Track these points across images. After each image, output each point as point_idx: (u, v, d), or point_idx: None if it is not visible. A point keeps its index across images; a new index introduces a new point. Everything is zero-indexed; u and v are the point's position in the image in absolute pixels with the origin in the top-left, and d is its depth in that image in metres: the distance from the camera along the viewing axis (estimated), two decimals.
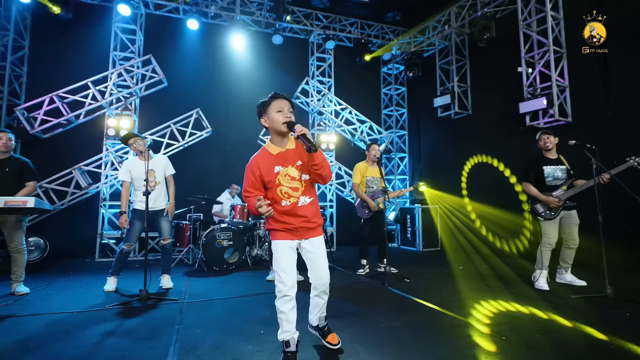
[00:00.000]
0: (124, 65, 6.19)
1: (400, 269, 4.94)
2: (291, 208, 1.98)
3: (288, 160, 1.97)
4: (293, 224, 1.99)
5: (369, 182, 4.82)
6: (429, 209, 7.39)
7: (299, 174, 1.99)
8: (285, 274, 1.96)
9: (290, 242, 2.03)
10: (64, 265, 5.49)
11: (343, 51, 8.35)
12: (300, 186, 2.00)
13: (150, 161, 3.92)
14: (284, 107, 1.93)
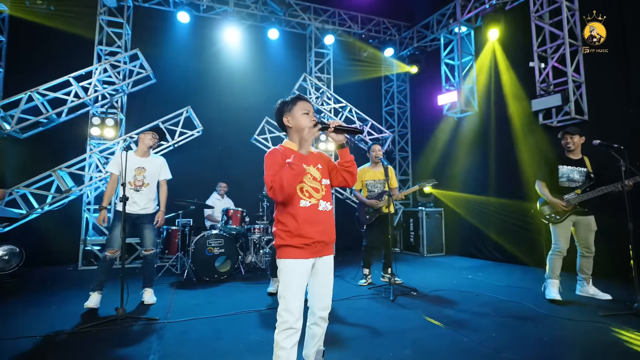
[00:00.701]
0: (109, 60, 5.80)
1: (405, 278, 4.58)
2: (311, 210, 1.71)
3: (310, 161, 1.79)
4: (311, 237, 1.68)
5: (370, 186, 4.46)
6: (433, 212, 7.02)
7: (320, 176, 1.80)
8: (297, 301, 1.65)
9: (306, 263, 1.71)
10: (43, 274, 5.11)
11: (343, 46, 7.98)
12: (320, 188, 1.78)
13: (145, 159, 3.59)
14: (310, 110, 1.82)
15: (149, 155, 3.66)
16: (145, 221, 3.52)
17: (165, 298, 3.78)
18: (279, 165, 1.69)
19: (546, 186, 3.62)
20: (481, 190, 6.41)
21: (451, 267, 5.67)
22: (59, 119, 5.70)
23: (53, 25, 6.06)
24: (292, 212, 1.70)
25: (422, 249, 6.89)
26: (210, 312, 3.26)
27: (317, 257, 1.75)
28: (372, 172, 4.50)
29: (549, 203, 3.56)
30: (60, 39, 6.08)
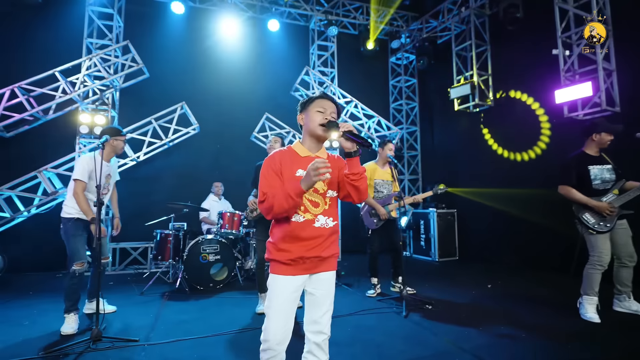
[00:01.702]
0: (98, 53, 5.45)
1: (417, 286, 4.16)
2: (302, 226, 1.53)
3: None
4: (296, 252, 1.52)
5: (378, 186, 4.04)
6: (445, 214, 6.58)
7: (323, 188, 1.58)
8: (276, 322, 1.51)
9: (294, 280, 1.54)
10: (29, 281, 4.78)
11: (347, 39, 7.56)
12: (322, 202, 1.57)
13: (109, 164, 3.28)
14: (327, 109, 1.59)
15: (111, 160, 3.32)
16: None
17: (151, 312, 3.41)
18: (274, 174, 1.54)
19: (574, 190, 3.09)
20: (498, 190, 5.95)
21: (466, 273, 5.23)
22: (46, 116, 5.35)
23: (40, 18, 5.73)
24: (282, 225, 1.56)
25: (434, 253, 6.45)
26: (198, 331, 2.87)
27: (310, 273, 1.57)
28: (381, 172, 4.08)
29: (595, 208, 3.00)
30: (48, 32, 5.75)
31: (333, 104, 1.63)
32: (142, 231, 5.24)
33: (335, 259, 1.64)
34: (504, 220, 5.79)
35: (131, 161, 5.62)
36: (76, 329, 2.89)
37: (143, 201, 5.77)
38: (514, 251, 5.63)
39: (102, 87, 5.61)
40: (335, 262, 1.66)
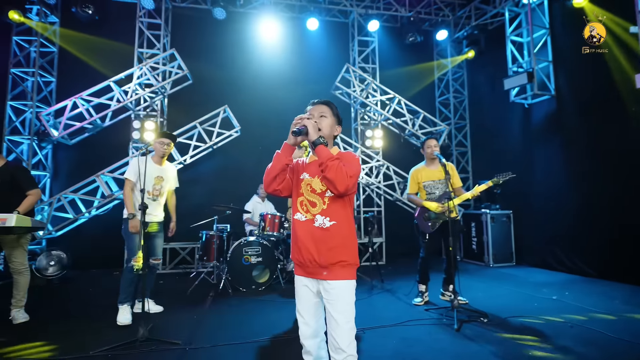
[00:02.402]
0: (146, 62, 5.73)
1: (469, 295, 3.82)
2: (305, 226, 1.61)
3: (317, 171, 1.62)
4: (299, 255, 1.60)
5: (428, 188, 3.76)
6: (500, 215, 6.05)
7: (321, 188, 1.62)
8: (300, 316, 1.64)
9: (305, 281, 1.63)
10: (89, 278, 5.15)
11: (389, 32, 7.26)
12: (319, 202, 1.61)
13: (162, 167, 3.50)
14: (314, 113, 1.69)
15: (164, 164, 3.54)
16: (159, 230, 3.45)
17: (195, 313, 3.46)
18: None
19: None
20: (561, 189, 5.33)
21: (526, 282, 4.73)
22: (103, 123, 5.74)
23: (97, 34, 6.16)
24: (293, 224, 1.67)
25: (487, 257, 5.96)
26: (239, 337, 2.83)
27: (316, 279, 1.60)
28: (429, 172, 3.80)
29: None
30: (105, 46, 6.16)
31: (321, 106, 1.72)
32: (191, 231, 5.41)
33: (342, 267, 1.56)
34: (571, 223, 5.16)
35: (178, 164, 5.84)
36: (130, 320, 3.10)
37: (190, 203, 5.94)
38: (582, 258, 4.99)
39: (151, 94, 5.89)
40: (346, 272, 1.57)
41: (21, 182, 3.19)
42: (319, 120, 1.66)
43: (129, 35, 6.10)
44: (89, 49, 6.16)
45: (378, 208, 6.78)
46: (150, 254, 3.40)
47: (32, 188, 3.26)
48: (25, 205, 3.17)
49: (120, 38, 6.17)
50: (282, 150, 1.62)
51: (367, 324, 3.08)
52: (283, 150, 1.62)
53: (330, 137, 1.70)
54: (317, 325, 1.61)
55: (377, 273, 4.90)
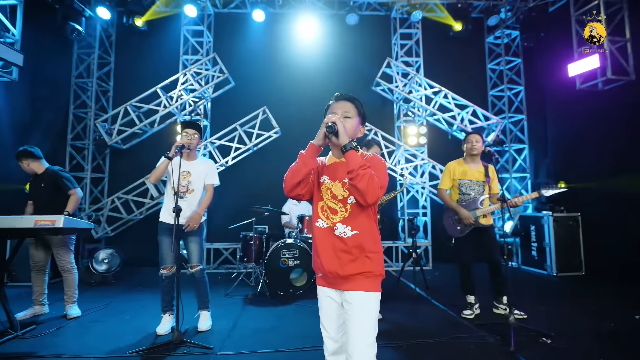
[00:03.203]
0: (189, 68, 5.92)
1: (528, 309, 3.37)
2: (325, 233, 1.49)
3: (337, 175, 1.53)
4: (320, 264, 1.49)
5: (463, 187, 3.41)
6: (565, 218, 5.37)
7: (343, 194, 1.49)
8: (324, 330, 1.53)
9: (327, 291, 1.52)
10: (140, 276, 5.41)
11: (434, 23, 6.80)
12: (340, 209, 1.48)
13: (190, 162, 3.09)
14: (338, 111, 1.54)
15: (194, 158, 3.16)
16: (192, 233, 3.08)
17: (229, 317, 3.43)
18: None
19: None
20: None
21: (598, 295, 4.12)
22: (152, 129, 6.04)
23: (147, 43, 6.50)
24: (313, 230, 1.55)
25: (550, 265, 5.32)
26: (272, 344, 2.73)
27: (337, 289, 1.49)
28: (467, 169, 3.43)
29: None
30: (152, 54, 6.49)
31: (345, 103, 1.55)
32: (234, 232, 5.46)
33: (366, 277, 1.43)
34: None
35: (221, 166, 5.95)
36: (166, 331, 2.96)
37: (230, 204, 6.05)
38: None
39: (195, 98, 6.08)
40: (370, 283, 1.44)
41: (61, 184, 3.41)
42: (344, 121, 1.48)
43: (175, 42, 6.36)
44: (140, 58, 6.53)
45: (423, 210, 6.38)
46: (187, 262, 3.15)
47: (72, 188, 3.47)
48: (72, 205, 3.40)
49: (167, 46, 6.46)
50: (307, 151, 1.46)
51: (408, 337, 2.82)
52: (309, 151, 1.46)
53: (354, 138, 1.54)
54: (343, 340, 1.49)
55: (421, 279, 4.57)
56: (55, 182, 3.45)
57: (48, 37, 5.68)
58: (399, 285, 4.64)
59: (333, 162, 1.57)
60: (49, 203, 3.41)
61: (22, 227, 2.81)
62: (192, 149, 3.08)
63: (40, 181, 3.48)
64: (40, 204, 3.47)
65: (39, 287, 3.49)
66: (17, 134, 5.15)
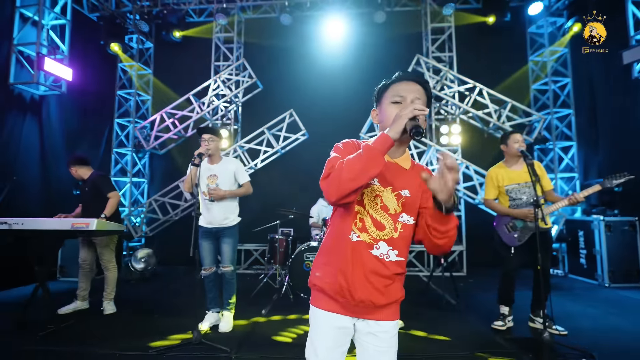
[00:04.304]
0: (220, 74, 6.12)
1: (570, 324, 3.06)
2: (358, 250, 1.15)
3: (390, 178, 1.18)
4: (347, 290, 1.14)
5: (513, 193, 3.14)
6: (619, 223, 4.83)
7: (396, 207, 1.17)
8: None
9: (341, 320, 1.19)
10: (176, 274, 5.66)
11: (468, 15, 6.45)
12: (389, 226, 1.16)
13: (216, 165, 3.22)
14: (408, 96, 1.15)
15: (219, 160, 3.25)
16: (225, 234, 3.21)
17: (253, 317, 3.47)
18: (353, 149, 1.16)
19: None
20: None
21: None
22: (186, 134, 6.32)
23: (182, 52, 6.83)
24: (335, 240, 1.20)
25: (601, 275, 4.81)
26: (289, 351, 2.72)
27: (363, 318, 1.19)
28: (512, 173, 3.17)
29: None
30: (186, 62, 6.80)
31: (416, 85, 1.17)
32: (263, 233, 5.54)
33: (396, 305, 1.22)
34: None
35: (250, 169, 6.09)
36: (207, 326, 3.13)
37: (262, 206, 6.14)
38: None
39: (226, 103, 6.27)
40: (397, 310, 1.21)
41: (102, 188, 3.65)
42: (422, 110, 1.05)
43: (207, 50, 6.62)
44: (175, 67, 6.88)
45: (457, 212, 6.06)
46: (220, 261, 3.27)
47: (110, 191, 3.70)
48: (110, 207, 3.63)
49: (199, 54, 6.73)
50: (381, 144, 1.03)
51: (428, 349, 2.68)
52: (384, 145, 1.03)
53: None
54: None
55: (452, 286, 4.34)
56: (97, 186, 3.71)
57: (93, 52, 6.16)
58: (428, 291, 4.44)
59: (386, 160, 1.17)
60: (93, 205, 3.66)
61: (61, 229, 3.05)
62: (212, 153, 3.19)
63: (85, 186, 3.77)
64: (86, 206, 3.75)
65: (83, 283, 3.78)
66: (68, 143, 5.62)
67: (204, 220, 3.23)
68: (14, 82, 4.83)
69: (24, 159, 4.93)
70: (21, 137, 4.89)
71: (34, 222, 3.04)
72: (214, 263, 3.26)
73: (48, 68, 4.86)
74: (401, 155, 1.24)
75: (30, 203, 4.86)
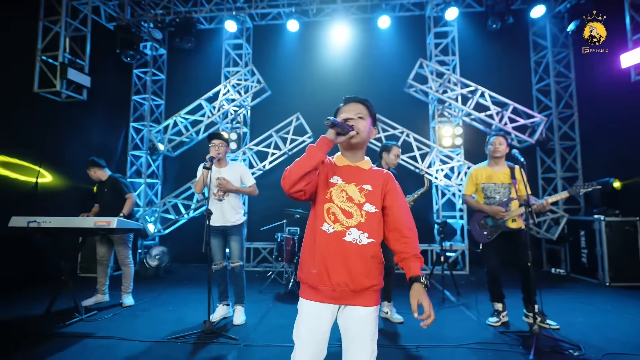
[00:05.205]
0: (230, 79, 6.37)
1: (565, 320, 3.20)
2: (332, 239, 1.36)
3: (353, 178, 1.45)
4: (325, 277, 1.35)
5: (488, 192, 3.33)
6: (620, 223, 4.91)
7: (360, 198, 1.41)
8: (303, 352, 1.38)
9: (322, 308, 1.38)
10: (186, 272, 5.92)
11: (471, 19, 6.58)
12: (356, 213, 1.39)
13: (223, 168, 3.48)
14: (350, 114, 1.46)
15: (226, 164, 3.51)
16: (233, 232, 3.45)
17: (258, 312, 3.69)
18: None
19: None
20: None
21: None
22: (198, 137, 6.59)
23: (193, 59, 7.11)
24: (311, 237, 1.42)
25: (602, 274, 4.89)
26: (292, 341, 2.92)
27: (341, 304, 1.38)
28: (491, 173, 3.34)
29: None
30: (197, 68, 7.08)
31: (358, 104, 1.49)
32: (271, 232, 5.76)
33: (374, 292, 1.39)
34: None
35: (258, 170, 6.32)
36: (218, 318, 3.37)
37: (270, 206, 6.36)
38: None
39: (236, 107, 6.53)
40: (376, 297, 1.39)
41: (120, 189, 3.93)
42: (357, 121, 1.43)
43: (217, 56, 6.89)
44: (187, 73, 7.17)
45: (460, 212, 6.19)
46: (229, 258, 3.52)
47: (127, 192, 3.98)
48: (128, 207, 3.92)
49: (210, 60, 7.01)
50: (318, 143, 1.35)
51: (426, 341, 2.85)
52: (320, 143, 1.35)
53: (367, 142, 1.51)
54: (323, 355, 1.43)
55: (453, 283, 4.49)
56: (115, 187, 3.99)
57: (111, 60, 6.48)
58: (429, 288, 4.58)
59: (345, 164, 1.49)
60: (110, 206, 3.95)
61: (85, 227, 3.32)
62: (221, 157, 3.42)
63: (103, 187, 4.05)
64: (104, 206, 4.02)
65: (101, 278, 4.06)
66: (88, 146, 5.94)
67: (213, 220, 3.41)
68: (38, 90, 5.16)
69: (47, 163, 5.25)
70: (45, 142, 5.22)
71: (60, 220, 3.33)
72: (223, 259, 3.52)
73: (70, 76, 5.17)
74: (360, 160, 1.51)
75: (53, 203, 5.18)
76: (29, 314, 3.51)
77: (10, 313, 3.54)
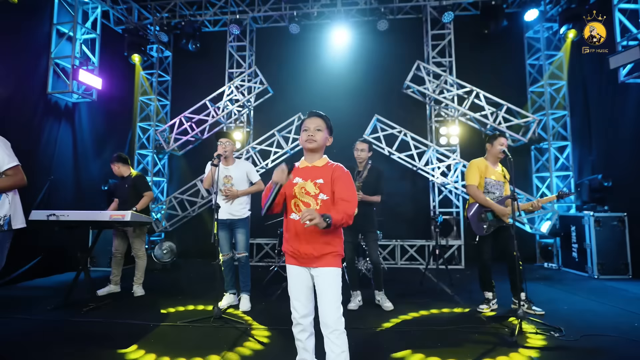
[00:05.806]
0: (233, 81, 6.60)
1: (551, 307, 3.42)
2: (299, 224, 1.77)
3: (309, 176, 1.87)
4: (297, 249, 1.83)
5: (490, 186, 3.52)
6: (608, 218, 5.12)
7: (315, 191, 1.83)
8: (296, 300, 1.88)
9: (300, 270, 1.88)
10: (194, 266, 6.14)
11: (467, 22, 6.79)
12: (312, 203, 1.82)
13: (230, 166, 3.72)
14: (310, 126, 1.88)
15: (232, 162, 3.74)
16: (239, 225, 3.68)
17: (263, 300, 3.92)
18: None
19: None
20: None
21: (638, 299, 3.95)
22: (203, 136, 6.82)
23: (199, 60, 7.34)
24: (285, 223, 1.90)
25: (591, 268, 5.11)
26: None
27: (311, 267, 1.83)
28: (491, 170, 3.55)
29: None
30: (204, 70, 7.31)
31: (317, 119, 1.89)
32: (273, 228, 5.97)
33: (332, 257, 1.80)
34: None
35: (261, 169, 6.55)
36: (224, 306, 3.58)
37: None
38: None
39: (239, 108, 6.75)
40: (335, 260, 1.81)
41: (140, 186, 4.16)
42: (314, 133, 1.86)
43: (221, 58, 7.12)
44: (192, 74, 7.40)
45: (456, 209, 6.41)
46: (235, 249, 3.76)
47: (146, 190, 4.21)
48: (142, 203, 4.14)
49: (214, 61, 7.23)
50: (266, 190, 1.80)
51: (418, 325, 3.07)
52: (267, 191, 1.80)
53: (323, 147, 1.92)
54: (311, 306, 1.88)
55: (446, 278, 4.71)
56: (136, 184, 4.21)
57: (119, 62, 6.71)
58: (424, 282, 4.81)
59: (305, 165, 1.92)
60: (128, 201, 4.17)
61: (100, 220, 3.55)
62: (228, 155, 3.65)
63: (125, 182, 4.28)
64: (124, 200, 4.25)
65: (115, 269, 4.30)
66: (97, 145, 6.18)
67: (220, 213, 3.61)
68: (51, 92, 5.39)
69: (60, 160, 5.48)
70: (57, 140, 5.46)
71: (77, 214, 3.55)
72: (230, 250, 3.76)
73: (81, 78, 5.41)
74: (317, 160, 1.91)
75: (64, 199, 5.41)
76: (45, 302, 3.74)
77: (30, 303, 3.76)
